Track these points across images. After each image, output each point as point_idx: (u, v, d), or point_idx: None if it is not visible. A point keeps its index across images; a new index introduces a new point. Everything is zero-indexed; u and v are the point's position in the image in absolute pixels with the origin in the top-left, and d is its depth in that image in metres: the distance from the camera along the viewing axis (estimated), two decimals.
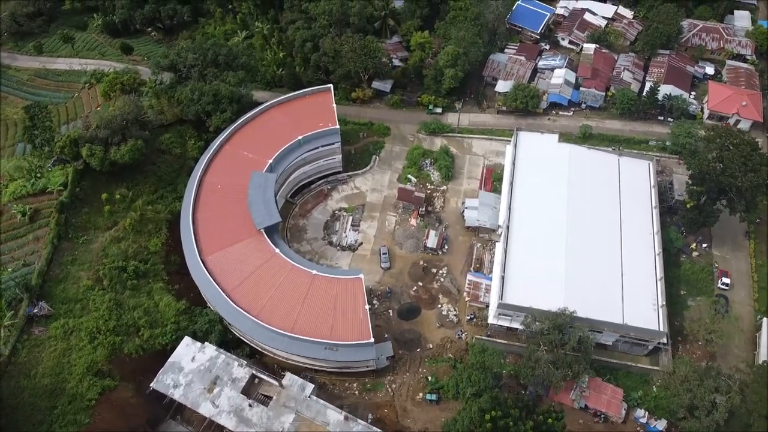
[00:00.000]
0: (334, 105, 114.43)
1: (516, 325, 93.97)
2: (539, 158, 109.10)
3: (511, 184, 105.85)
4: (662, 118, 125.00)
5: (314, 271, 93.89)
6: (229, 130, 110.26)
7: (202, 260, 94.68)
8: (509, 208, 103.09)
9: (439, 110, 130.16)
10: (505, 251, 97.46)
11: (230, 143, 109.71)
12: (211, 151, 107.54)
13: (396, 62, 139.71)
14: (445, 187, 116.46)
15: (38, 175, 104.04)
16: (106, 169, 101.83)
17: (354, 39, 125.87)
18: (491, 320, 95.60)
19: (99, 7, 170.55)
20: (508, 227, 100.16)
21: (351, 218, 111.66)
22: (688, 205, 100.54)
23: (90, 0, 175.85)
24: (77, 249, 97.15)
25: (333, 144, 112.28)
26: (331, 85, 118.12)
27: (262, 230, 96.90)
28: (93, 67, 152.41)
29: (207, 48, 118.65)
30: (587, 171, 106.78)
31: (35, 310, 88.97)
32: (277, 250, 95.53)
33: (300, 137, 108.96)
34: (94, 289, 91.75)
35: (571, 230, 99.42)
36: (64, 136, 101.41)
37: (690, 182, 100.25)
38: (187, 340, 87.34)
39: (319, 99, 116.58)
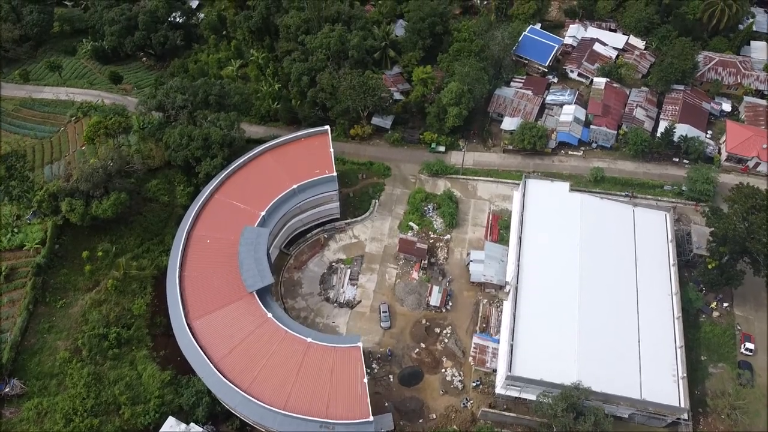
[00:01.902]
0: (332, 150, 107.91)
1: (526, 395, 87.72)
2: (549, 208, 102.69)
3: (520, 237, 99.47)
4: (677, 159, 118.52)
5: (309, 339, 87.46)
6: (220, 178, 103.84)
7: (188, 324, 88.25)
8: (518, 264, 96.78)
9: (442, 149, 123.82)
10: (514, 316, 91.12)
11: (221, 192, 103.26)
12: (201, 200, 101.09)
13: (397, 95, 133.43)
14: (448, 236, 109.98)
15: (15, 229, 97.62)
16: (87, 224, 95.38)
17: (353, 75, 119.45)
18: (498, 390, 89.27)
19: (89, 30, 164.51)
20: (516, 288, 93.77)
21: (349, 271, 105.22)
22: (709, 266, 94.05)
23: (79, 23, 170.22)
24: (55, 314, 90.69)
25: (330, 192, 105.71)
26: (327, 128, 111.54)
27: (254, 292, 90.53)
28: (80, 97, 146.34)
29: (197, 87, 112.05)
30: (600, 223, 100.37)
31: (6, 389, 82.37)
32: (270, 315, 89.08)
33: (295, 186, 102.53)
34: (72, 362, 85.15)
35: (584, 291, 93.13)
36: (42, 191, 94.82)
37: (711, 240, 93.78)
38: (171, 421, 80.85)
39: (315, 142, 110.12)
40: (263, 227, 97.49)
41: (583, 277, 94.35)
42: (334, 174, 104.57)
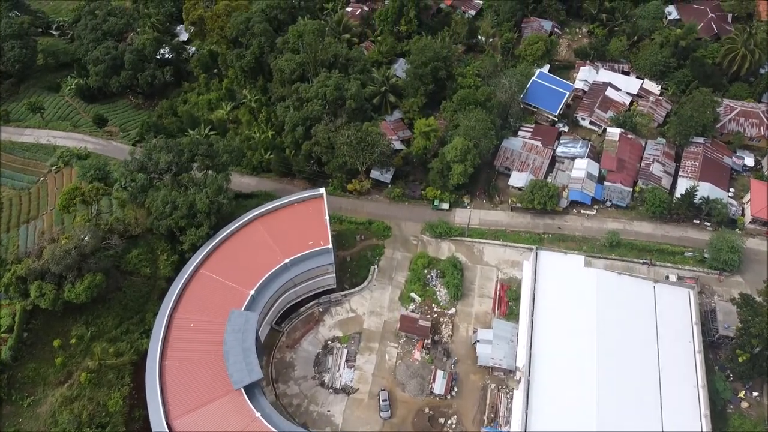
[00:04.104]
0: (327, 217, 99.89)
1: None
2: (562, 285, 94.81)
3: (531, 319, 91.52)
4: (698, 221, 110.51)
5: None
6: (206, 250, 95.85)
7: (168, 425, 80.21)
8: (529, 350, 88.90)
9: (445, 206, 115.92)
10: (526, 411, 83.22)
11: (206, 266, 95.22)
12: (185, 277, 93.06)
13: (397, 144, 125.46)
14: (453, 310, 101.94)
15: None
16: (59, 309, 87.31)
17: (350, 130, 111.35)
18: None
19: (74, 65, 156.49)
20: (528, 378, 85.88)
21: (346, 351, 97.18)
22: (740, 359, 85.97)
23: (64, 57, 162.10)
24: (21, 415, 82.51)
25: (325, 264, 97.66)
26: (323, 192, 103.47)
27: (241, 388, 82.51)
28: (63, 141, 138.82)
29: (183, 147, 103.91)
30: (619, 304, 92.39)
31: None
32: (258, 414, 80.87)
33: (287, 261, 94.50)
34: None
35: (602, 381, 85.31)
36: (9, 273, 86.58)
37: (742, 330, 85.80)
38: None
39: (310, 208, 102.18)
40: (252, 310, 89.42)
41: (600, 366, 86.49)
42: (330, 246, 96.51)
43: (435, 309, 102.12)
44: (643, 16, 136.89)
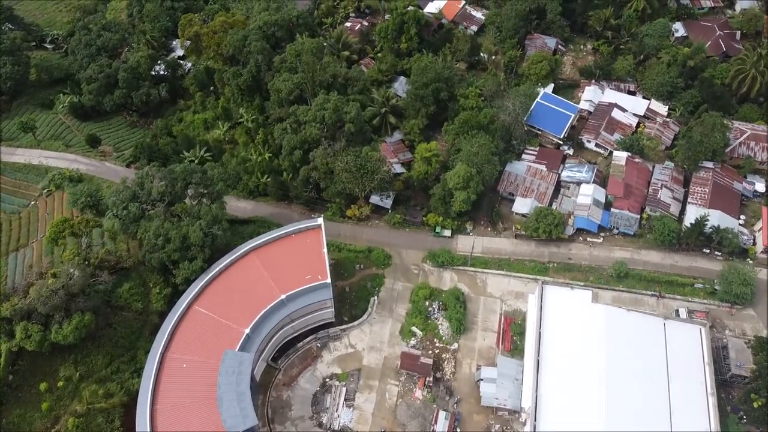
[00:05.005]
0: (325, 249, 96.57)
1: None
2: (569, 322, 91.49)
3: (537, 358, 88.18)
4: (708, 250, 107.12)
5: None
6: (200, 285, 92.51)
7: None
8: (536, 391, 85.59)
9: (447, 233, 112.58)
10: None
11: (200, 302, 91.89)
12: (177, 313, 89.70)
13: (397, 167, 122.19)
14: (456, 345, 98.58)
15: None
16: (46, 350, 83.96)
17: (350, 156, 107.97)
18: None
19: (67, 82, 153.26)
20: (534, 422, 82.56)
21: (344, 389, 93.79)
22: (755, 404, 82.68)
23: (57, 72, 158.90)
24: None
25: (323, 299, 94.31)
26: (321, 222, 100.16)
27: None
28: (55, 161, 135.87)
29: (176, 175, 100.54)
30: (628, 342, 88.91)
31: None
32: None
33: (283, 297, 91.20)
34: None
35: (612, 425, 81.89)
36: None
37: (757, 374, 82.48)
38: None
39: (307, 239, 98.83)
40: (247, 350, 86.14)
41: (609, 409, 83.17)
42: (328, 281, 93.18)
43: (437, 344, 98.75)
44: (650, 34, 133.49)
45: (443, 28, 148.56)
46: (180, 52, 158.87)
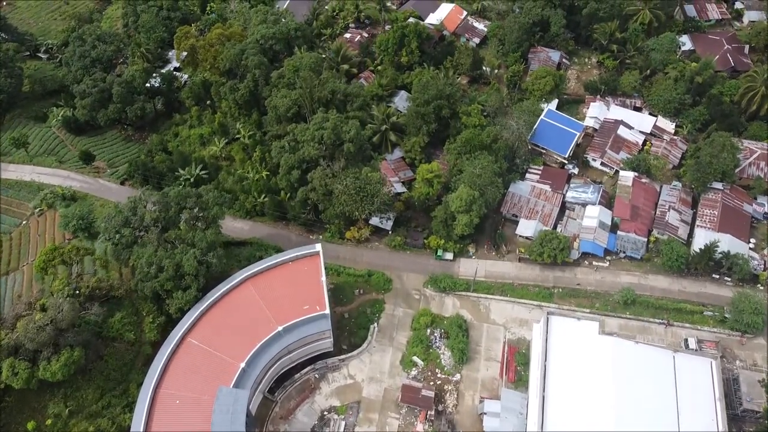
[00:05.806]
0: (323, 278, 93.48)
1: None
2: (575, 355, 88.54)
3: (543, 393, 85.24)
4: (718, 276, 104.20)
5: None
6: (194, 316, 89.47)
7: None
8: (541, 426, 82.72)
9: (449, 256, 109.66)
10: None
11: (194, 333, 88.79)
12: (171, 346, 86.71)
13: (398, 186, 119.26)
14: (458, 376, 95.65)
15: None
16: (34, 386, 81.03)
17: (349, 178, 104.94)
18: None
19: (61, 93, 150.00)
20: None
21: (344, 423, 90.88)
22: None
23: (51, 84, 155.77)
24: None
25: (321, 330, 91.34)
26: (319, 249, 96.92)
27: None
28: (47, 178, 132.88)
29: (170, 200, 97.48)
30: (636, 376, 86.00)
31: None
32: None
33: (280, 328, 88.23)
34: None
35: None
36: None
37: None
38: None
39: (305, 267, 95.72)
40: (242, 386, 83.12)
41: None
42: (327, 311, 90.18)
43: (439, 375, 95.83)
44: (657, 49, 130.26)
45: (444, 40, 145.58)
46: (176, 63, 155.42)
